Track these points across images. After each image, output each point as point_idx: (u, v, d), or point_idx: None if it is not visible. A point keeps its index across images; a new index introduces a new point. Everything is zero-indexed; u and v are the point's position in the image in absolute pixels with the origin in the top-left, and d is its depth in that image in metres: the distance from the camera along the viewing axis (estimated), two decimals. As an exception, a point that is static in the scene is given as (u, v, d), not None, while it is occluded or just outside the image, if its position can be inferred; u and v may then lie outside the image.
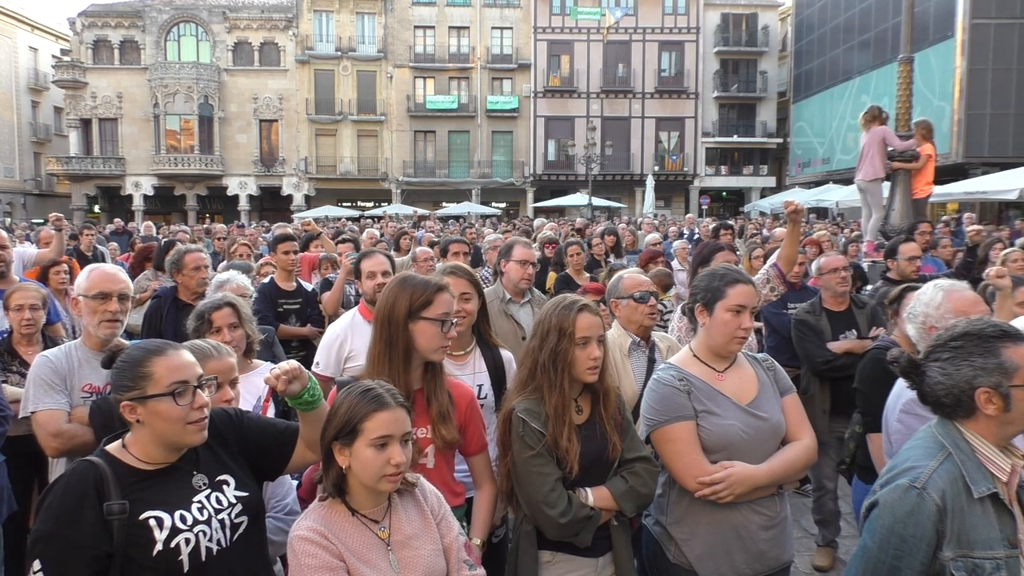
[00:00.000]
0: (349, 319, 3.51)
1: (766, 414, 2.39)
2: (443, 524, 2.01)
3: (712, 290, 2.45)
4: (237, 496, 1.91)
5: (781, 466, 2.36)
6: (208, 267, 4.36)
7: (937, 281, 2.69)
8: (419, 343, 2.36)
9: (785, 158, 38.53)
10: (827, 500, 4.50)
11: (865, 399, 3.15)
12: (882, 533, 1.76)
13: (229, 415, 2.05)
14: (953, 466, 1.76)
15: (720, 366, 2.46)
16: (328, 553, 1.79)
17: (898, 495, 1.75)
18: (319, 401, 1.96)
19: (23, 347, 3.54)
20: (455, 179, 37.27)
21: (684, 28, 37.26)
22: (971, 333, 1.81)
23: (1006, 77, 23.33)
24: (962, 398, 1.79)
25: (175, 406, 1.79)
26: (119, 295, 2.97)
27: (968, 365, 1.78)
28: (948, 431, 1.83)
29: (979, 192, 17.78)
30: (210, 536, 1.81)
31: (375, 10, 36.76)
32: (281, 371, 1.85)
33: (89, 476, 1.74)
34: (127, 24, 36.21)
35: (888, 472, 1.85)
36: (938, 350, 1.86)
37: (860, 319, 4.45)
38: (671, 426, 2.35)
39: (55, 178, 39.24)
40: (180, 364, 1.85)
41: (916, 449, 1.85)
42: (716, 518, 2.33)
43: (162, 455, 1.84)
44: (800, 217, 3.80)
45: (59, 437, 2.75)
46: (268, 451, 2.05)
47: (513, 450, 2.29)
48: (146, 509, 1.75)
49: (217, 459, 1.94)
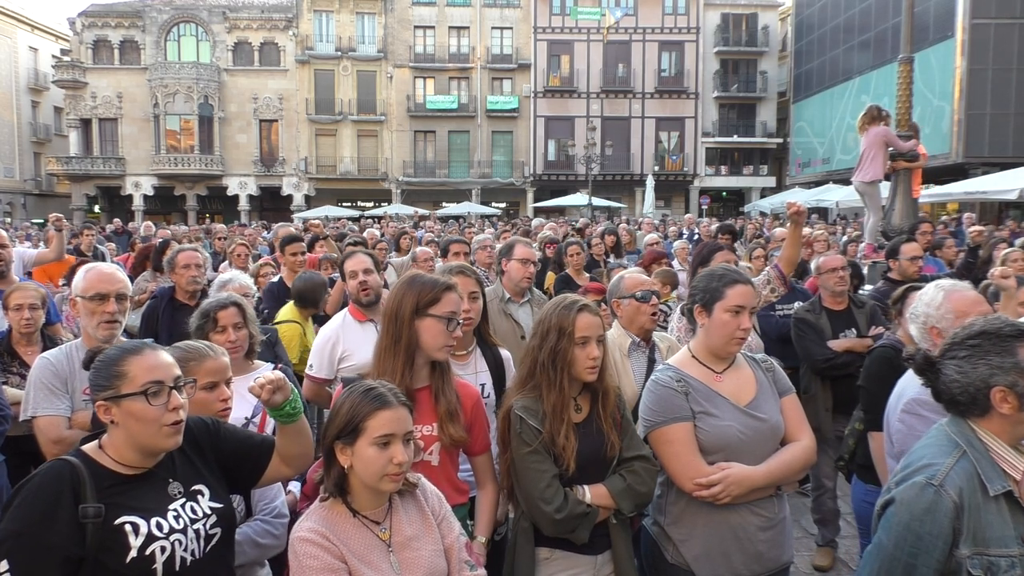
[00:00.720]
0: (340, 320, 3.54)
1: (764, 415, 2.39)
2: (444, 525, 2.00)
3: (711, 291, 2.45)
4: (212, 507, 1.89)
5: (779, 467, 2.35)
6: (201, 266, 4.33)
7: (939, 281, 2.69)
8: (424, 340, 2.37)
9: (785, 158, 38.53)
10: (826, 499, 4.51)
11: (869, 397, 3.14)
12: (898, 530, 1.76)
13: (206, 424, 2.02)
14: (969, 464, 1.76)
15: (718, 367, 2.46)
16: (330, 554, 1.79)
17: (915, 492, 1.74)
18: (299, 414, 1.95)
19: (22, 347, 3.54)
20: (455, 179, 37.27)
21: (684, 28, 37.25)
22: (989, 332, 1.81)
23: (1006, 77, 23.32)
24: (977, 396, 1.79)
25: (148, 406, 1.75)
26: (117, 295, 2.95)
27: (985, 364, 1.78)
28: (962, 429, 1.83)
29: (979, 192, 17.78)
30: (185, 546, 1.78)
31: (375, 10, 36.75)
32: (266, 380, 1.83)
33: (65, 475, 1.69)
34: (127, 24, 36.20)
35: (903, 470, 1.85)
36: (955, 348, 1.86)
37: (859, 318, 4.47)
38: (668, 427, 2.35)
39: (55, 178, 39.24)
40: (155, 364, 1.81)
41: (931, 447, 1.85)
42: (714, 519, 2.33)
43: (138, 459, 1.80)
44: (802, 219, 3.80)
45: (60, 444, 2.73)
46: (243, 462, 2.03)
47: (511, 447, 2.31)
48: (122, 514, 1.72)
49: (193, 468, 1.91)
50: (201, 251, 4.47)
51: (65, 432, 2.77)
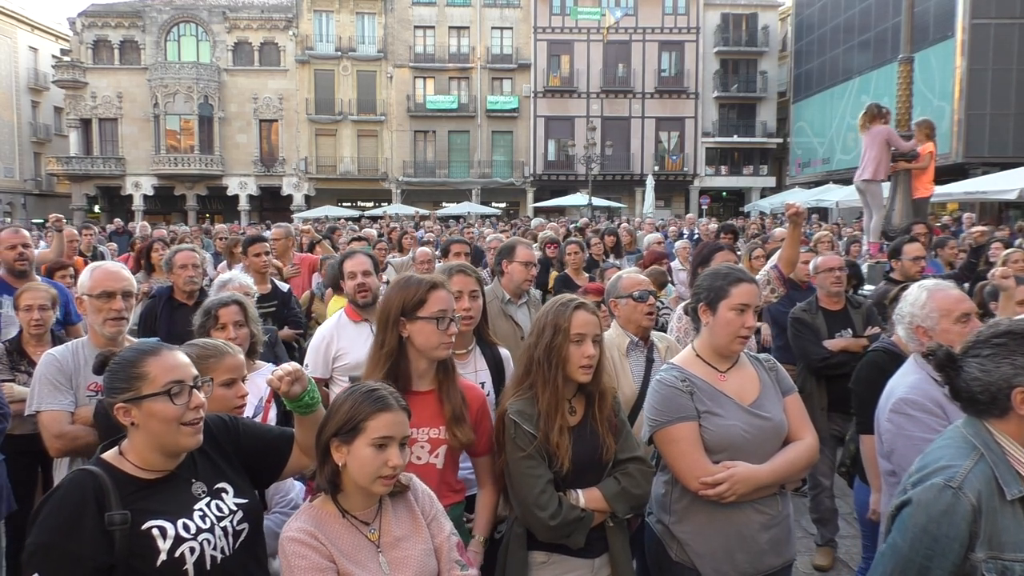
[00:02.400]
0: (335, 320, 3.57)
1: (768, 414, 2.40)
2: (434, 524, 2.00)
3: (715, 289, 2.45)
4: (237, 503, 1.89)
5: (783, 466, 2.36)
6: (198, 266, 4.34)
7: (922, 282, 2.73)
8: (419, 343, 2.36)
9: (785, 158, 38.53)
10: (824, 498, 4.52)
11: (859, 400, 3.16)
12: (914, 532, 1.73)
13: (224, 421, 2.02)
14: (987, 467, 1.74)
15: (723, 366, 2.46)
16: (318, 554, 1.80)
17: (933, 494, 1.72)
18: (317, 404, 1.96)
19: (31, 347, 3.55)
20: (455, 179, 37.27)
21: (684, 28, 37.25)
22: (1015, 331, 1.79)
23: (1006, 77, 23.32)
24: (998, 396, 1.77)
25: (171, 405, 1.76)
26: (123, 293, 2.98)
27: (1009, 363, 1.76)
28: (978, 431, 1.81)
29: (979, 192, 17.78)
30: (214, 544, 1.79)
31: (375, 10, 36.75)
32: (284, 372, 1.85)
33: (88, 486, 1.70)
34: (127, 24, 36.20)
35: (919, 471, 1.83)
36: (979, 346, 1.83)
37: (856, 318, 4.50)
38: (674, 426, 2.35)
39: (55, 178, 39.23)
40: (175, 364, 1.82)
41: (948, 448, 1.82)
42: (718, 517, 2.34)
43: (160, 461, 1.81)
44: (801, 219, 3.81)
45: (62, 438, 2.77)
46: (264, 457, 2.04)
47: (506, 451, 2.31)
48: (148, 519, 1.72)
49: (214, 466, 1.92)
50: (199, 251, 4.47)
51: (67, 427, 2.79)
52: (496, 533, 2.50)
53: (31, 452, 3.15)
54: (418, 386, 2.40)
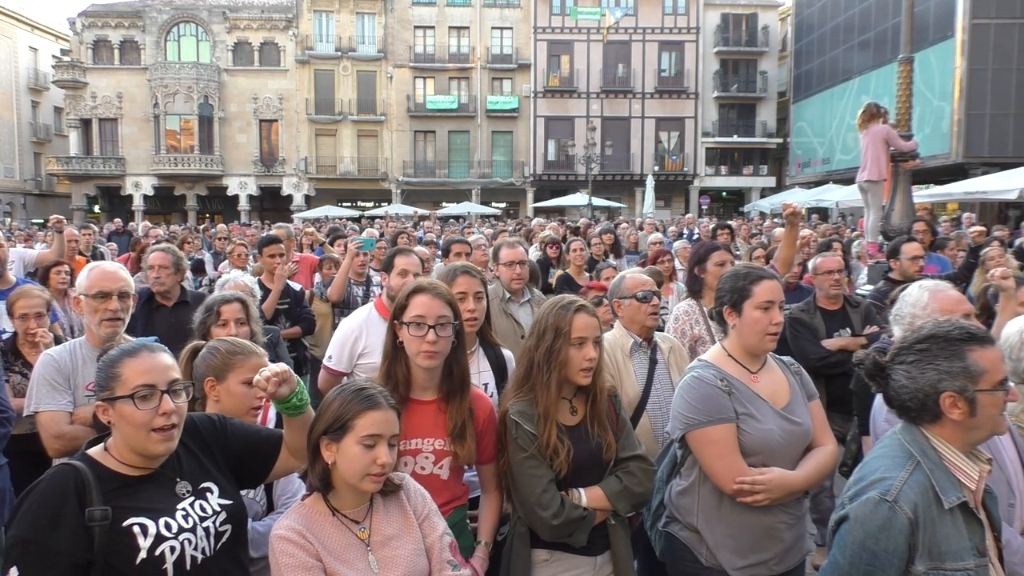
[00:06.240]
0: (365, 314, 3.41)
1: (799, 419, 2.39)
2: (426, 524, 2.00)
3: (738, 290, 2.43)
4: (221, 504, 1.88)
5: (816, 472, 2.38)
6: (167, 267, 4.15)
7: (922, 282, 2.71)
8: (407, 348, 2.33)
9: (785, 158, 38.52)
10: (824, 498, 4.53)
11: (860, 402, 3.16)
12: (853, 548, 1.71)
13: (213, 421, 2.01)
14: (923, 476, 1.71)
15: (754, 366, 2.45)
16: (305, 552, 1.80)
17: (869, 509, 1.70)
18: (306, 406, 1.93)
19: (26, 348, 3.55)
20: (455, 179, 37.26)
21: (684, 28, 37.25)
22: (937, 336, 1.76)
23: (1006, 77, 23.30)
24: (927, 402, 1.74)
25: (136, 410, 1.73)
26: (119, 293, 2.98)
27: (933, 368, 1.73)
28: (915, 437, 1.79)
29: (979, 192, 17.76)
30: (195, 544, 1.78)
31: (375, 10, 36.75)
32: (271, 372, 1.81)
33: (70, 480, 1.69)
34: (127, 24, 36.19)
35: (856, 483, 1.80)
36: (903, 352, 1.81)
37: (854, 318, 4.52)
38: (713, 427, 2.32)
39: (55, 178, 39.23)
40: (149, 367, 1.78)
41: (884, 458, 1.80)
42: (748, 520, 2.34)
43: (140, 460, 1.79)
44: (798, 220, 3.82)
45: (61, 439, 2.76)
46: (252, 458, 2.03)
47: (508, 452, 2.31)
48: (129, 516, 1.71)
49: (200, 466, 1.91)
50: (174, 252, 4.30)
51: (66, 428, 2.79)
52: (498, 535, 2.50)
53: (29, 452, 3.14)
54: (420, 395, 2.36)
